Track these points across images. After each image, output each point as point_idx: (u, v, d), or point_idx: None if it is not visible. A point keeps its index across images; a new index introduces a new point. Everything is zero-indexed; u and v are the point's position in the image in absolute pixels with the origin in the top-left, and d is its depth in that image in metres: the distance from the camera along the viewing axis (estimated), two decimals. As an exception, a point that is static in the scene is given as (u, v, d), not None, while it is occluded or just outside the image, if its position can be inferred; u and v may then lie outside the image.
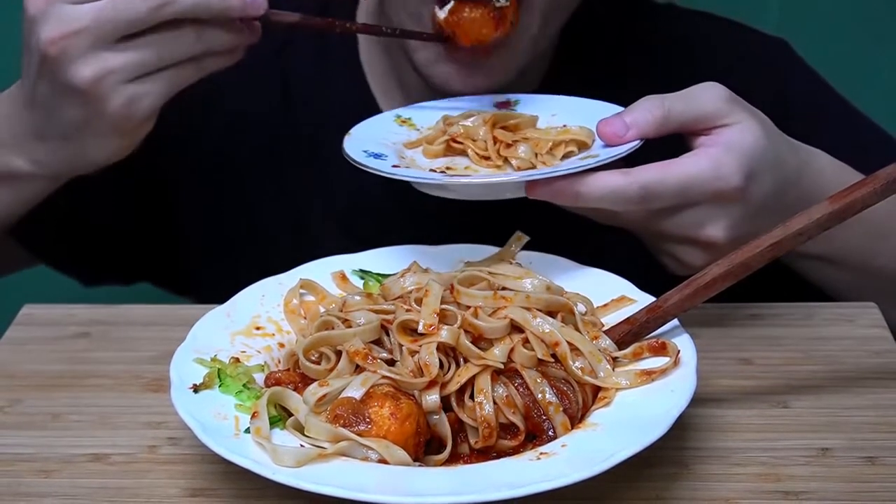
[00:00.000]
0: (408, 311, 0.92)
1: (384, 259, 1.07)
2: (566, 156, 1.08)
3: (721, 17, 1.42)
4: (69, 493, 0.90)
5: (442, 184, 1.05)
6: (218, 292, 1.04)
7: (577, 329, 0.92)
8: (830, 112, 1.36)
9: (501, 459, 0.85)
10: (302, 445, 0.84)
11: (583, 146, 1.08)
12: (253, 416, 0.86)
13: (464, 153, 1.11)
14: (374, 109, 1.31)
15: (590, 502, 0.87)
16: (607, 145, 1.05)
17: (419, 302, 0.92)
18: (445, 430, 0.87)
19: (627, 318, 0.95)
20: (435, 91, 1.22)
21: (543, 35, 1.20)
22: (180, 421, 0.86)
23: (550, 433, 0.87)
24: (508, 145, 1.09)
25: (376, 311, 0.94)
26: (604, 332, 0.94)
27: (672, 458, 0.91)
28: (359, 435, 0.84)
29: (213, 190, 1.34)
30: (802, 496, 0.88)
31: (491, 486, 0.79)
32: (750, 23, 1.45)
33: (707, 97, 1.05)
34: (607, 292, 1.01)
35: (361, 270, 1.06)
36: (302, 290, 1.03)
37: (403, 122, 1.18)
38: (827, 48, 1.83)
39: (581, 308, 0.95)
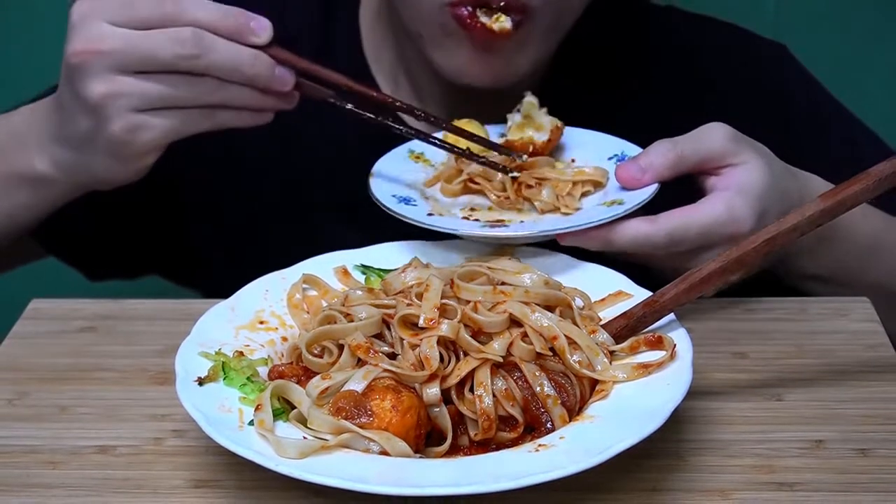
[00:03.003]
0: (409, 305, 0.92)
1: (385, 254, 1.08)
2: (583, 194, 1.13)
3: (721, 21, 1.42)
4: (76, 485, 0.91)
5: (485, 235, 1.07)
6: (224, 284, 1.05)
7: (574, 323, 0.93)
8: (828, 118, 1.37)
9: (500, 451, 0.86)
10: (305, 437, 0.85)
11: (598, 185, 1.13)
12: (257, 408, 0.86)
13: (479, 192, 1.15)
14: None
15: (587, 493, 0.87)
16: (623, 187, 1.10)
17: (420, 297, 0.92)
18: (446, 422, 0.88)
19: (624, 313, 0.96)
20: (446, 82, 1.23)
21: (555, 29, 1.21)
22: (185, 413, 0.86)
23: (549, 425, 0.88)
24: (529, 186, 1.13)
25: (378, 306, 0.94)
26: (601, 326, 0.94)
27: (668, 450, 0.92)
28: (361, 427, 0.84)
29: (218, 185, 1.35)
30: (796, 487, 0.88)
31: (490, 477, 0.80)
32: (746, 23, 1.45)
33: (715, 137, 1.09)
34: (604, 287, 1.01)
35: (363, 266, 1.07)
36: (305, 285, 1.03)
37: (417, 157, 1.21)
38: (822, 48, 1.83)
39: (579, 302, 0.96)
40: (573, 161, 1.19)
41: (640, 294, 0.99)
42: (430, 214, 1.09)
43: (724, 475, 0.90)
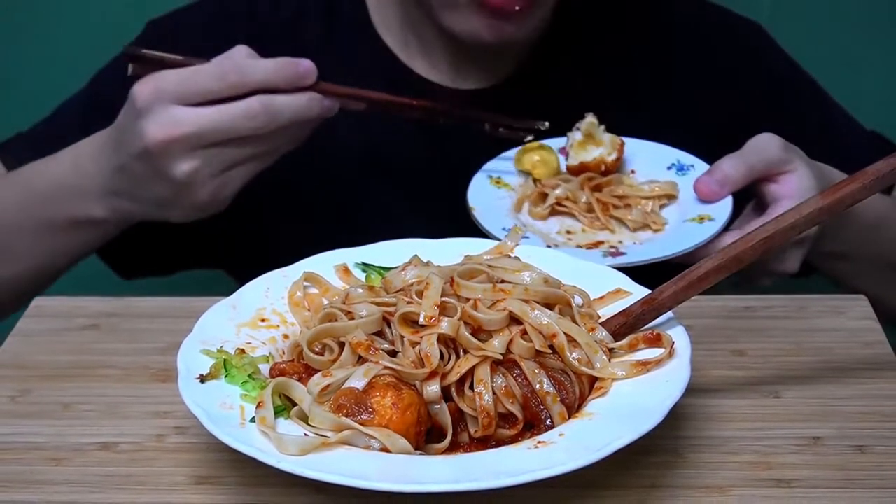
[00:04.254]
0: (409, 303, 0.92)
1: (386, 252, 1.08)
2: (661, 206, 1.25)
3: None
4: (79, 481, 0.91)
5: (619, 264, 1.13)
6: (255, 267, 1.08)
7: (574, 321, 0.93)
8: (805, 94, 1.45)
9: (500, 448, 0.86)
10: (306, 434, 0.85)
11: (671, 198, 1.25)
12: (258, 405, 0.87)
13: (566, 214, 1.23)
14: (393, 62, 1.37)
15: (586, 489, 0.88)
16: (702, 201, 1.22)
17: (420, 294, 0.92)
18: (446, 419, 0.88)
19: (623, 311, 0.96)
20: (457, 44, 1.31)
21: None
22: (187, 410, 0.87)
23: (548, 423, 0.88)
24: (615, 206, 1.22)
25: (378, 304, 0.94)
26: (600, 323, 0.95)
27: (667, 447, 0.92)
28: (361, 424, 0.84)
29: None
30: (794, 484, 0.89)
31: (490, 474, 0.80)
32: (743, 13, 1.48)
33: (773, 147, 1.20)
34: (603, 285, 1.01)
35: (364, 264, 1.07)
36: (306, 283, 1.03)
37: (498, 182, 1.28)
38: (818, 45, 1.84)
39: (578, 300, 0.96)
40: (633, 173, 1.29)
41: (639, 292, 0.99)
42: (548, 246, 1.16)
43: (722, 472, 0.90)
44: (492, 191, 1.26)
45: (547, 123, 1.27)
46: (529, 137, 1.28)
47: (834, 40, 1.90)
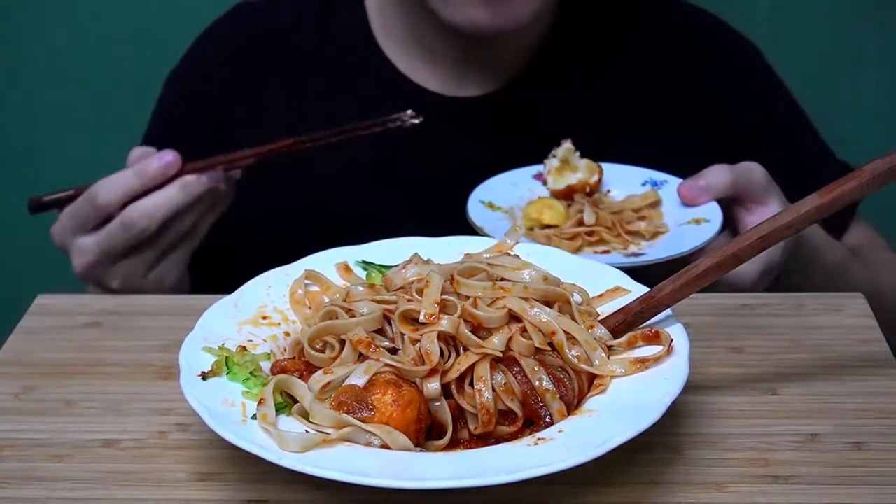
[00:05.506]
0: (409, 301, 0.93)
1: (387, 251, 1.08)
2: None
3: (705, 10, 1.51)
4: (81, 478, 0.91)
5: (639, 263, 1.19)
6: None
7: (573, 318, 0.93)
8: (789, 120, 1.50)
9: (500, 445, 0.86)
10: (307, 431, 0.85)
11: (656, 205, 1.31)
12: (259, 402, 0.87)
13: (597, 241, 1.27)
14: (391, 73, 1.38)
15: (585, 486, 0.88)
16: (685, 204, 1.28)
17: (420, 292, 0.93)
18: (446, 416, 0.88)
19: (622, 308, 0.96)
20: (460, 45, 1.33)
21: None
22: (189, 407, 0.87)
23: (547, 419, 0.88)
24: (627, 221, 1.28)
25: (379, 302, 0.94)
26: (599, 321, 0.95)
27: (665, 444, 0.93)
28: (362, 421, 0.85)
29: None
30: (791, 480, 0.89)
31: (490, 470, 0.81)
32: (740, 22, 1.50)
33: (758, 175, 1.25)
34: (602, 283, 1.02)
35: (364, 262, 1.07)
36: (307, 281, 1.04)
37: (491, 206, 1.29)
38: (815, 46, 1.84)
39: (577, 298, 0.96)
40: (609, 192, 1.34)
41: (638, 290, 1.00)
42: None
43: (721, 468, 0.91)
44: (488, 213, 1.27)
45: (418, 118, 1.28)
46: (414, 121, 1.29)
47: (830, 42, 1.90)
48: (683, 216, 1.27)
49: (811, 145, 1.49)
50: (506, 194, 1.31)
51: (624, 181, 1.35)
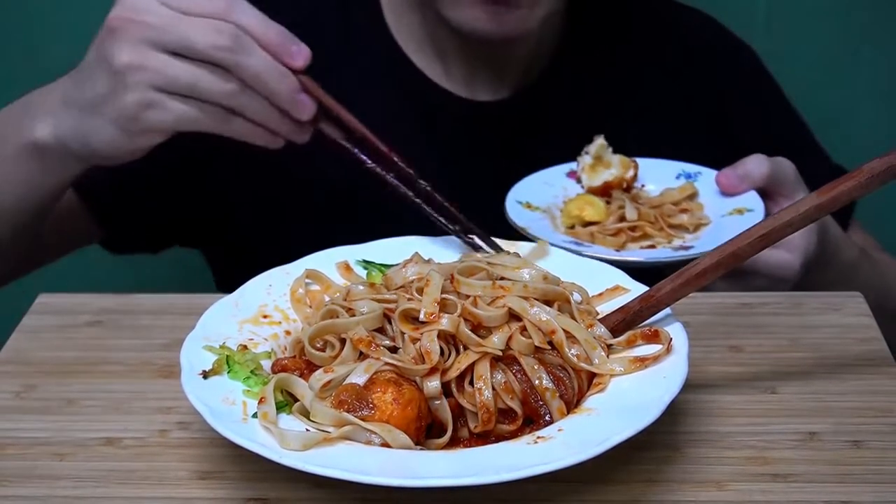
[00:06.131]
0: (409, 300, 0.93)
1: (387, 250, 1.08)
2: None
3: (704, 13, 1.53)
4: (82, 476, 0.92)
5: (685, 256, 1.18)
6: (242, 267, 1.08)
7: (572, 317, 0.93)
8: (785, 122, 1.52)
9: (500, 443, 0.86)
10: (308, 430, 0.85)
11: (693, 196, 1.30)
12: (260, 401, 0.87)
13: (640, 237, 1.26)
14: (407, 67, 1.38)
15: (585, 485, 0.88)
16: (723, 194, 1.28)
17: (420, 291, 0.93)
18: (446, 415, 0.88)
19: (621, 307, 0.96)
20: (469, 49, 1.33)
21: None
22: (190, 406, 0.87)
23: (547, 418, 0.88)
24: (668, 216, 1.27)
25: (379, 301, 0.95)
26: (598, 320, 0.95)
27: (664, 442, 0.93)
28: (362, 420, 0.85)
29: (243, 169, 1.38)
30: (790, 478, 0.89)
31: (490, 468, 0.81)
32: (737, 23, 1.52)
33: (791, 173, 1.26)
34: (602, 282, 1.02)
35: (365, 261, 1.08)
36: (308, 280, 1.04)
37: (528, 206, 1.28)
38: (814, 48, 1.84)
39: (576, 297, 0.96)
40: (643, 186, 1.34)
41: (637, 289, 1.00)
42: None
43: (720, 467, 0.91)
44: (527, 214, 1.26)
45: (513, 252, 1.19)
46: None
47: (829, 44, 1.90)
48: (724, 207, 1.26)
49: (806, 148, 1.49)
50: (541, 194, 1.30)
51: (657, 175, 1.34)
